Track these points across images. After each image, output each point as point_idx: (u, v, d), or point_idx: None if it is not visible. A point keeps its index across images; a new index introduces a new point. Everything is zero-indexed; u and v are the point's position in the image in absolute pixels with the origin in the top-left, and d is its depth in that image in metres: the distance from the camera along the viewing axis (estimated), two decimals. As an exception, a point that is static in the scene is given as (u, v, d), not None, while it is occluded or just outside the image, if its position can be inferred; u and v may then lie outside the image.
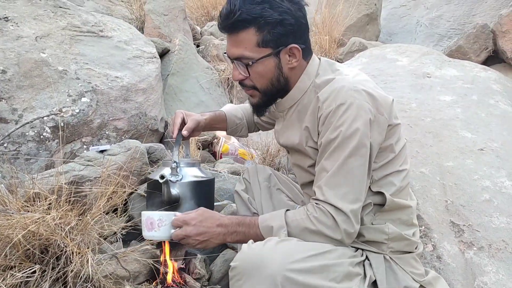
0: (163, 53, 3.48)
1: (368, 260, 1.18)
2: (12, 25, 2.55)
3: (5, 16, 2.58)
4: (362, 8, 4.85)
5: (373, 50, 3.51)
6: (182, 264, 1.84)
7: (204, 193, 1.57)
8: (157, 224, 1.26)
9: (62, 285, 1.40)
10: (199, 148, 2.57)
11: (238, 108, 1.73)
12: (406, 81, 2.65)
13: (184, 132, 1.50)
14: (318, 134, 1.21)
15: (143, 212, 1.33)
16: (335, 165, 1.14)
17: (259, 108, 1.33)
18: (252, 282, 0.98)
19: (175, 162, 1.51)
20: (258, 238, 1.18)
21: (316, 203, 1.16)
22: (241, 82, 1.28)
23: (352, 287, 1.06)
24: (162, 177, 1.38)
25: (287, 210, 1.20)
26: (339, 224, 1.11)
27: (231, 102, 3.80)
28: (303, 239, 1.13)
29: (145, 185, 2.17)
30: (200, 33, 4.66)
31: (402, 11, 6.19)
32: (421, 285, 1.22)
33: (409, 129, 2.07)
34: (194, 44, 4.17)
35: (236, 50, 1.22)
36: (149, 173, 2.28)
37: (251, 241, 1.12)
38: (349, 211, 1.12)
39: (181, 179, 1.50)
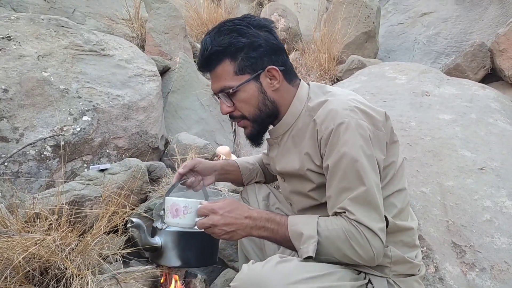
0: (163, 71, 3.51)
1: (371, 284, 1.17)
2: (15, 44, 2.57)
3: (7, 35, 2.60)
4: (360, 26, 4.90)
5: (372, 68, 3.54)
6: (182, 284, 1.83)
7: (190, 246, 1.45)
8: (182, 211, 1.24)
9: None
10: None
11: (250, 157, 1.72)
12: (405, 100, 2.67)
13: (180, 170, 1.47)
14: (321, 157, 1.20)
15: (167, 198, 1.30)
16: (354, 185, 1.13)
17: (254, 138, 1.34)
18: None
19: (163, 209, 1.39)
20: (285, 239, 1.17)
21: (347, 218, 1.13)
22: (231, 115, 1.30)
23: None
24: (131, 221, 1.36)
25: (320, 216, 1.17)
26: (371, 243, 1.11)
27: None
28: (330, 252, 1.12)
29: (145, 204, 2.17)
30: (200, 51, 4.70)
31: (400, 29, 6.26)
32: None
33: (409, 148, 2.07)
34: (194, 61, 4.21)
35: (218, 84, 1.26)
36: (150, 191, 2.28)
37: (251, 261, 1.12)
38: (377, 230, 1.12)
39: (166, 227, 1.42)
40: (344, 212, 1.14)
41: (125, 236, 1.78)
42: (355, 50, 4.82)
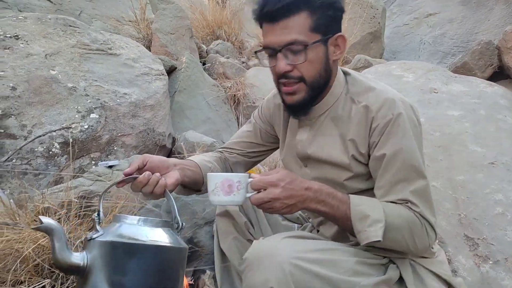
0: (170, 71, 3.51)
1: (394, 263, 1.15)
2: (22, 43, 2.58)
3: (15, 34, 2.62)
4: (366, 27, 4.90)
5: (379, 67, 3.53)
6: (191, 280, 1.82)
7: (133, 267, 1.01)
8: (236, 186, 1.10)
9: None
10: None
11: (202, 155, 1.48)
12: (413, 97, 2.65)
13: (126, 170, 1.16)
14: (369, 146, 1.17)
15: (215, 174, 1.13)
16: (412, 178, 1.13)
17: (302, 106, 1.20)
18: (261, 270, 0.97)
19: (98, 211, 1.08)
20: (345, 218, 1.10)
21: (411, 209, 1.12)
22: (286, 75, 1.15)
23: (360, 282, 1.03)
24: (39, 221, 0.99)
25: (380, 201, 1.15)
26: (429, 236, 1.13)
27: (237, 118, 3.81)
28: (390, 238, 1.08)
29: (153, 201, 2.16)
30: (206, 52, 4.71)
31: (405, 30, 6.25)
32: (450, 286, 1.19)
33: (419, 143, 2.06)
34: (200, 62, 4.21)
35: (286, 36, 1.12)
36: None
37: (261, 237, 1.11)
38: (434, 224, 1.14)
39: (101, 235, 1.03)
40: (407, 203, 1.12)
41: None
42: (361, 50, 4.81)
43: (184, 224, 1.14)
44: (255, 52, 1.24)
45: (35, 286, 1.28)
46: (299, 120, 1.30)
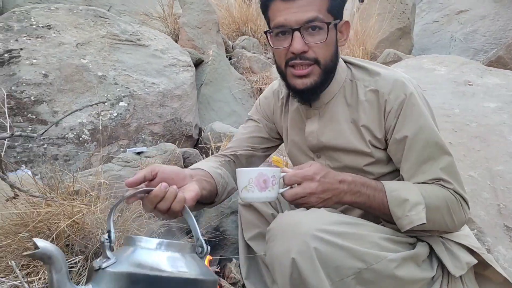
0: (197, 64, 3.52)
1: (421, 241, 1.11)
2: (54, 33, 2.62)
3: (47, 24, 2.66)
4: (395, 22, 4.80)
5: (409, 61, 3.45)
6: (217, 268, 1.80)
7: None
8: (271, 181, 1.03)
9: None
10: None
11: (205, 161, 1.33)
12: (446, 89, 2.57)
13: (130, 180, 0.96)
14: (385, 130, 1.14)
15: (248, 169, 1.06)
16: (438, 155, 1.11)
17: (314, 90, 1.14)
18: (284, 241, 0.95)
19: (108, 232, 0.85)
20: (383, 206, 1.08)
21: (444, 187, 1.10)
22: (302, 56, 1.10)
23: (387, 256, 0.99)
24: (35, 245, 0.75)
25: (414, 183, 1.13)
26: (465, 212, 1.11)
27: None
28: (430, 219, 1.06)
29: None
30: (232, 47, 4.71)
31: (435, 27, 6.11)
32: (480, 262, 1.15)
33: (454, 133, 1.99)
34: (227, 56, 4.21)
35: (307, 13, 1.07)
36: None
37: (286, 210, 1.07)
38: (466, 197, 1.12)
39: (112, 264, 0.80)
40: (438, 181, 1.10)
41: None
42: (389, 46, 4.71)
43: (209, 248, 0.91)
44: (265, 32, 1.15)
45: (69, 261, 1.29)
46: (306, 111, 1.25)
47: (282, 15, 1.09)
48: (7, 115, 1.46)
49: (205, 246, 0.90)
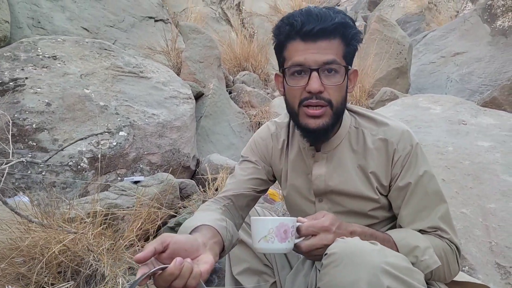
0: (197, 97, 3.59)
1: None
2: (60, 63, 2.70)
3: (53, 55, 2.74)
4: (392, 62, 4.92)
5: (405, 99, 3.51)
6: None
7: None
8: (290, 232, 0.99)
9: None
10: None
11: (205, 213, 1.21)
12: (441, 127, 2.62)
13: (139, 255, 0.82)
14: (391, 178, 1.18)
15: (268, 219, 1.03)
16: (435, 203, 1.15)
17: (325, 131, 1.15)
18: (352, 269, 0.92)
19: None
20: None
21: (440, 237, 1.14)
22: (318, 96, 1.10)
23: None
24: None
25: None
26: (459, 261, 1.14)
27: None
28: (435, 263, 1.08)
29: (175, 219, 2.16)
30: (233, 82, 4.81)
31: (432, 68, 6.25)
32: None
33: (447, 170, 2.01)
34: (227, 90, 4.29)
35: (326, 55, 1.09)
36: (180, 207, 2.28)
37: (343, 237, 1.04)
38: (460, 246, 1.15)
39: None
40: (435, 231, 1.13)
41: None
42: (387, 85, 4.81)
43: None
44: (282, 70, 1.17)
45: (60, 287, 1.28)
46: (313, 155, 1.26)
47: (301, 54, 1.11)
48: (10, 142, 1.49)
49: None
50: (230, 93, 4.41)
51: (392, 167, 1.17)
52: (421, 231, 1.14)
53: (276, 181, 1.43)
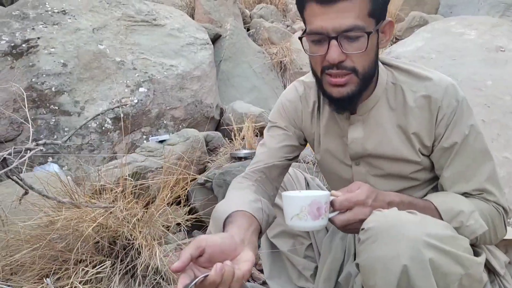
0: (214, 39, 3.44)
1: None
2: (70, 18, 2.59)
3: (63, 9, 2.62)
4: (420, -20, 4.56)
5: (435, 24, 3.26)
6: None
7: None
8: (324, 208, 0.94)
9: (131, 278, 1.40)
10: (256, 135, 2.52)
11: (235, 193, 1.17)
12: (476, 56, 2.43)
13: (176, 265, 0.77)
14: (435, 137, 1.08)
15: (300, 196, 0.97)
16: (482, 161, 1.06)
17: (350, 99, 1.05)
18: (392, 244, 0.87)
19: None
20: None
21: (485, 199, 1.06)
22: (339, 65, 1.00)
23: (477, 260, 0.95)
24: None
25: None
26: (505, 223, 1.07)
27: (285, 86, 3.71)
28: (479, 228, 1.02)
29: (204, 174, 2.16)
30: (250, 17, 4.58)
31: (463, -19, 5.77)
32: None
33: (486, 109, 1.89)
34: (244, 28, 4.10)
35: (345, 20, 0.97)
36: (208, 162, 2.27)
37: (378, 209, 0.97)
38: (507, 207, 1.07)
39: None
40: (481, 193, 1.05)
41: (187, 207, 1.78)
42: (415, 6, 4.50)
43: None
44: (300, 38, 1.05)
45: (97, 264, 1.31)
46: (347, 118, 1.15)
47: (318, 21, 0.99)
48: (30, 125, 1.45)
49: None
50: (248, 30, 4.22)
51: (436, 126, 1.06)
52: (465, 194, 1.06)
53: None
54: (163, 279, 1.40)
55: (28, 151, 1.23)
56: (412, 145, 1.10)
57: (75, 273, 1.23)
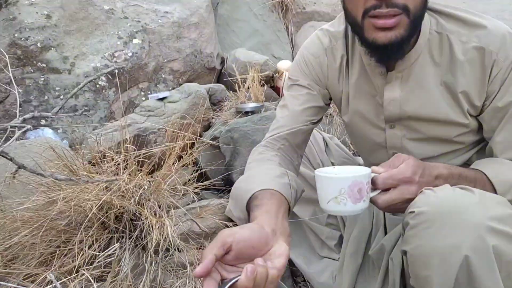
0: (210, -21, 3.16)
1: None
2: (50, -38, 2.33)
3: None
4: None
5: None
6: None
7: None
8: (366, 189, 0.83)
9: (142, 251, 1.32)
10: (262, 85, 2.35)
11: (260, 169, 1.02)
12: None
13: (199, 270, 0.66)
14: (487, 96, 0.94)
15: (338, 177, 0.84)
16: None
17: (398, 47, 0.91)
18: (450, 232, 0.76)
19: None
20: None
21: None
22: (388, 2, 0.86)
23: None
24: None
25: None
26: None
27: (287, 28, 3.47)
28: None
29: (210, 132, 2.02)
30: (246, -49, 4.22)
31: None
32: None
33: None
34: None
35: None
36: (213, 117, 2.13)
37: (430, 188, 0.85)
38: None
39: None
40: None
41: (196, 172, 1.66)
42: None
43: None
44: None
45: (103, 242, 1.22)
46: (382, 74, 1.01)
47: None
48: (18, 103, 1.29)
49: None
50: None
51: (489, 83, 0.92)
52: None
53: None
54: (175, 249, 1.31)
55: (16, 128, 1.09)
56: (459, 105, 0.95)
57: (80, 254, 1.14)
